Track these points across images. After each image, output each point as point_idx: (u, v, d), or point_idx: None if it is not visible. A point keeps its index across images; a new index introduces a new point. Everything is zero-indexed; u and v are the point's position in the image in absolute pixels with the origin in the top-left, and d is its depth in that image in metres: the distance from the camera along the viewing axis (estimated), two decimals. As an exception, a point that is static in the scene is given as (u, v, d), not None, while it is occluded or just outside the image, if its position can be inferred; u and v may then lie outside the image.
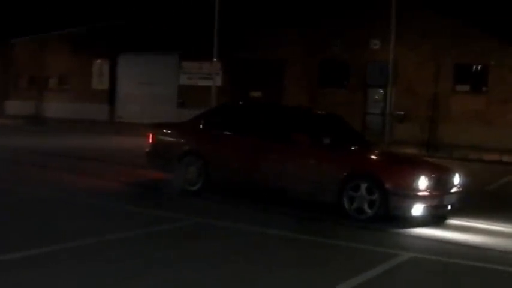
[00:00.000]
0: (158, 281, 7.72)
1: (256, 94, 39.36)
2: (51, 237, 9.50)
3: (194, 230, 11.11)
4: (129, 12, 43.60)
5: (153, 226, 10.88)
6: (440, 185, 12.45)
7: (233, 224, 11.39)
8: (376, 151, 14.50)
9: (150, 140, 15.42)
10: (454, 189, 12.83)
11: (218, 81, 37.11)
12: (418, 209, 11.99)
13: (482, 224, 12.64)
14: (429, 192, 12.13)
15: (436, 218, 12.60)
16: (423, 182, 12.03)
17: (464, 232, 11.92)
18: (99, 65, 46.83)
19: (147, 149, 15.47)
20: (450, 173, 13.03)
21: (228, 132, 14.42)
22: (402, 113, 34.16)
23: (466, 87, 34.61)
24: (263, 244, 10.24)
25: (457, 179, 13.00)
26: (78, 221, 11.02)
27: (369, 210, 12.11)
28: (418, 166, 13.16)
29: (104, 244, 9.37)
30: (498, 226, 12.54)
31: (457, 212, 12.92)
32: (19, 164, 18.26)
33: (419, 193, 12.01)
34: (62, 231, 10.03)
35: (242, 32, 39.02)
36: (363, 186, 12.20)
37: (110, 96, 46.02)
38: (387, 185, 11.96)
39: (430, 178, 12.18)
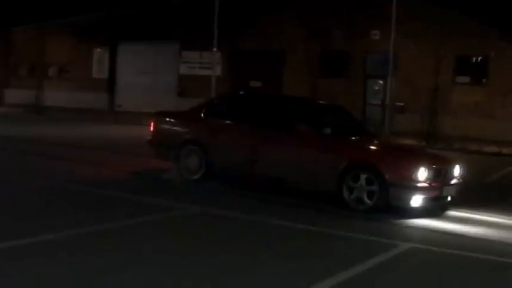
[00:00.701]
0: (152, 271, 7.71)
1: (256, 84, 39.37)
2: (50, 226, 9.49)
3: (193, 218, 11.11)
4: (130, 1, 43.56)
5: (151, 215, 10.89)
6: (440, 177, 12.46)
7: (232, 213, 11.40)
8: (376, 141, 14.50)
9: (152, 128, 15.45)
10: (453, 181, 12.85)
11: (218, 70, 37.11)
12: (417, 200, 12.01)
13: (481, 215, 12.67)
14: (429, 183, 12.15)
15: (435, 209, 12.62)
16: (423, 173, 12.04)
17: (463, 223, 11.95)
18: (99, 54, 46.82)
19: (149, 137, 15.49)
20: (450, 165, 13.04)
21: (229, 122, 14.44)
22: (402, 104, 34.17)
23: (466, 79, 34.65)
24: (262, 233, 10.27)
25: (457, 171, 13.01)
26: (76, 210, 11.04)
27: (369, 201, 12.13)
28: (417, 157, 13.17)
29: (101, 233, 9.37)
30: (497, 218, 12.56)
31: (457, 203, 12.95)
32: (16, 153, 18.22)
33: (419, 184, 12.02)
34: (59, 220, 10.01)
35: (242, 22, 39.02)
36: (363, 176, 12.22)
37: (110, 85, 46.03)
38: (387, 176, 11.98)
39: (429, 169, 12.19)
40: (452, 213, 12.70)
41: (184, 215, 11.30)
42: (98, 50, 46.83)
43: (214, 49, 33.66)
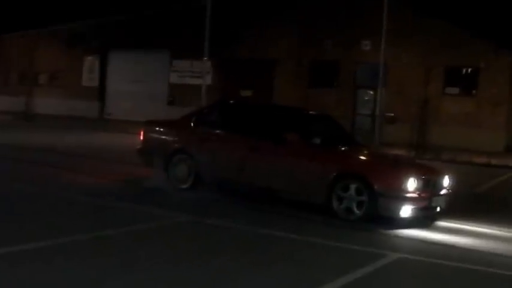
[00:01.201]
0: (145, 279, 7.72)
1: (246, 93, 39.37)
2: (39, 234, 9.47)
3: (182, 227, 11.12)
4: (120, 10, 43.57)
5: (140, 223, 10.88)
6: (429, 187, 12.49)
7: (222, 222, 11.40)
8: (365, 152, 14.51)
9: (141, 137, 15.45)
10: (443, 191, 12.88)
11: (208, 79, 37.06)
12: (406, 211, 12.02)
13: (470, 226, 12.69)
14: (418, 193, 12.16)
15: (424, 219, 12.63)
16: (412, 184, 12.06)
17: (452, 234, 11.96)
18: (90, 62, 46.80)
19: (138, 146, 15.49)
20: (439, 175, 13.07)
21: (218, 131, 14.45)
22: (392, 114, 34.24)
23: (456, 90, 34.75)
24: (251, 242, 10.26)
25: (446, 181, 13.04)
26: (66, 218, 11.02)
27: (358, 211, 12.14)
28: (407, 167, 13.19)
29: (90, 241, 9.35)
30: (486, 228, 12.58)
31: (446, 214, 12.96)
32: (7, 160, 18.16)
33: (408, 194, 12.03)
34: (48, 228, 10.01)
35: (233, 31, 39.07)
36: (352, 186, 12.23)
37: (100, 93, 46.01)
38: (376, 186, 11.99)
39: (419, 180, 12.21)
40: (441, 223, 12.72)
41: (175, 223, 11.29)
42: (89, 58, 46.80)
43: (205, 58, 33.64)
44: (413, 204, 12.12)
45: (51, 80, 48.74)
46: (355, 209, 12.16)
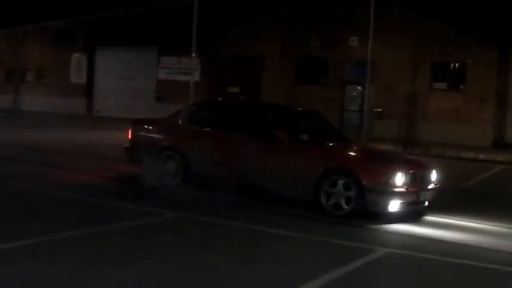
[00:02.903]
0: (126, 277, 7.73)
1: (234, 90, 39.39)
2: (28, 231, 9.49)
3: (170, 224, 11.13)
4: (108, 6, 43.47)
5: (128, 221, 10.87)
6: (417, 182, 12.54)
7: (210, 218, 11.41)
8: (353, 147, 14.56)
9: (129, 136, 15.46)
10: (430, 186, 12.94)
11: (196, 76, 37.08)
12: (394, 205, 12.07)
13: (458, 220, 12.74)
14: (406, 188, 12.21)
15: (413, 214, 12.69)
16: (400, 178, 12.10)
17: (440, 228, 12.00)
18: (78, 59, 46.73)
19: (126, 145, 15.50)
20: (427, 170, 13.13)
21: (207, 128, 14.46)
22: (380, 110, 34.33)
23: (443, 85, 34.87)
24: (240, 239, 10.27)
25: (434, 176, 13.11)
26: (55, 215, 11.02)
27: (346, 206, 12.17)
28: (394, 162, 13.23)
29: (76, 239, 9.33)
30: (474, 223, 12.63)
31: (434, 209, 13.02)
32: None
33: (396, 189, 12.08)
34: (38, 225, 10.01)
35: (221, 28, 39.05)
36: (340, 182, 12.26)
37: (88, 90, 45.95)
38: (364, 181, 12.02)
39: (406, 174, 12.27)
40: (430, 218, 12.76)
41: (163, 220, 11.30)
42: (76, 55, 46.73)
43: (193, 55, 33.60)
44: (402, 199, 12.17)
45: (38, 77, 48.66)
46: (343, 205, 12.19)
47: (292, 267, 8.61)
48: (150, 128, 15.53)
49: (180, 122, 14.92)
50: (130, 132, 15.53)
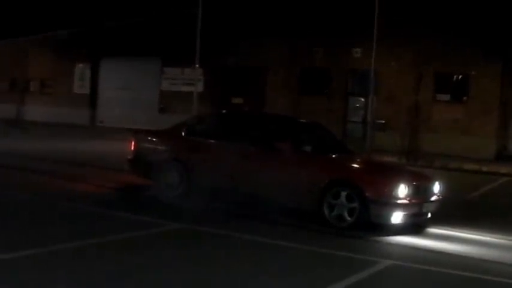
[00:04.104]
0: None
1: (237, 101, 39.41)
2: (31, 241, 9.48)
3: (173, 235, 11.12)
4: (112, 17, 43.51)
5: (132, 231, 10.88)
6: (419, 193, 12.53)
7: (212, 229, 11.39)
8: (356, 159, 14.55)
9: (132, 147, 15.46)
10: (433, 198, 12.93)
11: (200, 87, 37.12)
12: (397, 217, 12.07)
13: (461, 232, 12.73)
14: (409, 200, 12.20)
15: (415, 226, 12.67)
16: (403, 190, 12.10)
17: (443, 240, 12.00)
18: (81, 69, 46.79)
19: (129, 156, 15.49)
20: (430, 182, 13.12)
21: (210, 140, 14.46)
22: (383, 121, 34.32)
23: (447, 97, 34.87)
24: (242, 250, 10.27)
25: (436, 188, 13.09)
26: (58, 225, 11.02)
27: (349, 218, 12.16)
28: (397, 174, 13.22)
29: (77, 250, 9.34)
30: (477, 235, 12.62)
31: (437, 221, 13.00)
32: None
33: (399, 201, 12.07)
34: (38, 235, 10.00)
35: (224, 39, 39.09)
36: (343, 193, 12.25)
37: (92, 100, 45.95)
38: (367, 193, 12.02)
39: (409, 186, 12.26)
40: (433, 230, 12.76)
41: (166, 231, 11.29)
42: (80, 65, 46.79)
43: (196, 65, 33.68)
44: (405, 211, 12.17)
45: (42, 87, 48.69)
46: (346, 216, 12.18)
47: (294, 279, 8.61)
48: (153, 139, 15.54)
49: (183, 133, 14.92)
50: (133, 143, 15.52)
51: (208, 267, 8.93)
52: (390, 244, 11.53)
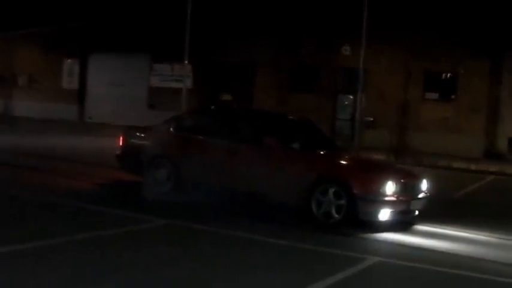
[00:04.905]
0: (115, 285, 7.70)
1: (226, 97, 39.40)
2: (18, 236, 9.46)
3: (161, 231, 11.12)
4: (101, 13, 43.42)
5: (120, 227, 10.85)
6: (407, 191, 12.55)
7: (201, 226, 11.39)
8: (344, 156, 14.57)
9: (121, 143, 15.43)
10: (421, 195, 12.95)
11: (189, 83, 37.08)
12: (385, 214, 12.09)
13: (449, 230, 12.75)
14: (396, 197, 12.22)
15: (403, 223, 12.69)
16: (390, 188, 12.11)
17: (430, 238, 12.02)
18: (70, 65, 46.68)
19: (118, 152, 15.47)
20: (417, 179, 13.15)
21: (198, 136, 14.43)
22: (371, 119, 34.39)
23: (435, 95, 34.97)
24: (230, 247, 10.25)
25: (424, 185, 13.12)
26: (45, 221, 10.98)
27: (337, 215, 12.16)
28: (385, 171, 13.24)
29: (62, 246, 9.30)
30: (465, 232, 12.65)
31: (425, 218, 13.02)
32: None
33: (387, 198, 12.09)
34: (28, 231, 9.98)
35: (214, 35, 39.05)
36: (331, 190, 12.24)
37: (80, 96, 45.86)
38: (355, 190, 12.02)
39: (397, 184, 12.27)
40: (420, 227, 12.77)
41: (153, 227, 11.29)
42: (69, 60, 46.68)
43: (186, 62, 33.63)
44: (392, 208, 12.18)
45: (30, 83, 48.54)
46: (334, 213, 12.18)
47: (281, 276, 8.60)
48: (142, 135, 15.50)
49: (171, 129, 14.89)
50: (121, 139, 15.49)
51: (196, 263, 8.92)
52: (377, 241, 11.55)
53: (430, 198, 13.25)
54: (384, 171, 13.22)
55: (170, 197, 13.75)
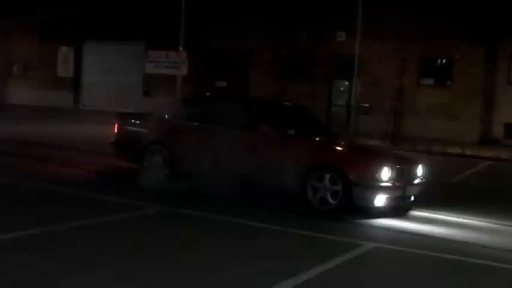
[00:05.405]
0: (108, 272, 7.68)
1: (222, 84, 39.32)
2: (14, 224, 9.44)
3: (156, 218, 11.13)
4: (96, 0, 43.30)
5: (114, 214, 10.86)
6: (403, 176, 12.55)
7: (196, 212, 11.39)
8: (340, 142, 14.55)
9: (116, 130, 15.42)
10: (417, 181, 12.95)
11: (184, 70, 37.03)
12: (381, 200, 12.09)
13: (445, 215, 12.77)
14: (392, 183, 12.22)
15: (399, 209, 12.69)
16: (386, 173, 12.11)
17: (426, 223, 12.04)
18: (65, 52, 46.50)
19: (113, 139, 15.45)
20: (413, 165, 13.15)
21: (194, 123, 14.41)
22: (367, 105, 34.29)
23: (431, 81, 34.88)
24: (225, 233, 10.27)
25: (420, 171, 13.12)
26: (39, 209, 10.99)
27: (333, 201, 12.17)
28: (381, 157, 13.23)
29: (62, 232, 9.32)
30: (461, 218, 12.67)
31: (420, 204, 13.03)
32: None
33: (382, 184, 12.09)
34: (24, 218, 9.97)
35: (209, 22, 38.93)
36: (327, 176, 12.25)
37: (75, 83, 45.75)
38: (350, 176, 12.03)
39: (393, 169, 12.27)
40: (416, 213, 12.78)
41: (148, 214, 11.30)
42: (63, 48, 46.51)
43: (181, 49, 33.56)
44: (388, 194, 12.19)
45: (25, 71, 48.39)
46: (330, 199, 12.19)
47: (278, 261, 8.60)
48: (137, 122, 15.47)
49: (166, 116, 14.87)
50: (117, 126, 15.47)
51: (189, 249, 8.93)
52: (373, 227, 11.57)
53: (426, 183, 13.26)
54: (379, 157, 13.21)
55: (165, 184, 13.73)
